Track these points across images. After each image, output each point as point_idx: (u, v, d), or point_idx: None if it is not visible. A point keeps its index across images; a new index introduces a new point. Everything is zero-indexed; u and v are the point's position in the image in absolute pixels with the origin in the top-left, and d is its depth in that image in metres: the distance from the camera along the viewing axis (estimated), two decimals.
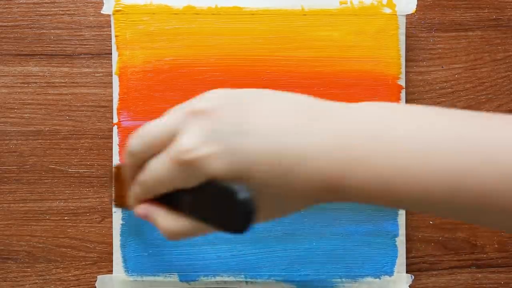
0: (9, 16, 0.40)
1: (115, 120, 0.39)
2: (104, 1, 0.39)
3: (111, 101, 0.39)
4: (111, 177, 0.33)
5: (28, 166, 0.40)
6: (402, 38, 0.39)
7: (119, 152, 0.39)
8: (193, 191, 0.23)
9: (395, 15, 0.39)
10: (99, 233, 0.40)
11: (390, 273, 0.39)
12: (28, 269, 0.40)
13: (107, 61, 0.40)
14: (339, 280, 0.39)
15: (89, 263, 0.40)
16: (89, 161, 0.40)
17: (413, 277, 0.39)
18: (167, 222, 0.25)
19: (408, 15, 0.39)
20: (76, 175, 0.40)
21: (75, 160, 0.40)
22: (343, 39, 0.39)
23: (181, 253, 0.39)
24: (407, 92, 0.40)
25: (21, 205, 0.40)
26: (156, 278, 0.39)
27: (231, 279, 0.39)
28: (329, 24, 0.39)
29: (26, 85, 0.40)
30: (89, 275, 0.40)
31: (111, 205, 0.38)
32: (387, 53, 0.39)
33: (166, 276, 0.39)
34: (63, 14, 0.40)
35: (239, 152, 0.21)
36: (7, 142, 0.40)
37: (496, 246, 0.40)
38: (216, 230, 0.24)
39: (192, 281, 0.39)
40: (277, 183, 0.22)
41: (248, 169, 0.22)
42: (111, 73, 0.39)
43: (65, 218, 0.40)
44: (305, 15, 0.39)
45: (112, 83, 0.39)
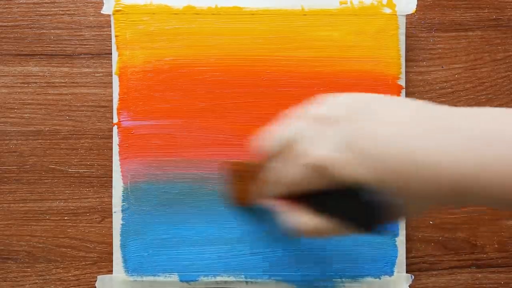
0: (9, 16, 0.40)
1: (115, 120, 0.39)
2: (104, 1, 0.39)
3: (111, 101, 0.39)
4: (231, 174, 0.34)
5: (28, 166, 0.40)
6: (402, 38, 0.39)
7: (119, 152, 0.39)
8: (327, 193, 0.24)
9: (395, 15, 0.39)
10: (99, 233, 0.40)
11: (390, 273, 0.39)
12: (28, 269, 0.40)
13: (107, 61, 0.40)
14: (339, 280, 0.39)
15: (89, 263, 0.40)
16: (89, 161, 0.40)
17: (413, 277, 0.39)
18: (302, 219, 0.26)
19: (408, 15, 0.39)
20: (76, 175, 0.40)
21: (75, 160, 0.40)
22: (343, 39, 0.39)
23: (181, 253, 0.39)
24: (407, 92, 0.40)
25: (21, 205, 0.40)
26: (156, 278, 0.39)
27: (231, 279, 0.39)
28: (329, 24, 0.39)
29: (26, 85, 0.40)
30: (89, 275, 0.40)
31: (234, 203, 0.38)
32: (387, 53, 0.39)
33: (166, 276, 0.39)
34: (63, 14, 0.40)
35: (372, 158, 0.22)
36: (7, 142, 0.40)
37: (496, 246, 0.40)
38: (350, 231, 0.26)
39: (192, 281, 0.39)
40: (408, 187, 0.22)
41: (381, 174, 0.22)
42: (111, 73, 0.39)
43: (65, 218, 0.40)
44: (305, 15, 0.39)
45: (112, 83, 0.39)
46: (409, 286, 0.39)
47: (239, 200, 0.36)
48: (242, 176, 0.34)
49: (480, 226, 0.40)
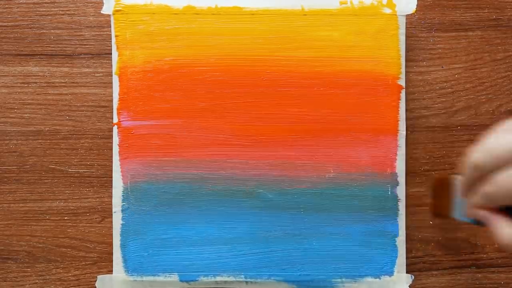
0: (9, 16, 0.40)
1: (115, 120, 0.39)
2: (104, 1, 0.39)
3: (111, 101, 0.39)
4: (434, 188, 0.33)
5: (28, 166, 0.40)
6: (402, 38, 0.39)
7: (119, 152, 0.39)
8: None
9: (395, 15, 0.39)
10: (99, 233, 0.40)
11: (390, 273, 0.39)
12: (28, 269, 0.40)
13: (107, 61, 0.40)
14: (339, 280, 0.39)
15: (89, 263, 0.40)
16: (89, 161, 0.40)
17: (413, 277, 0.39)
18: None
19: (408, 15, 0.39)
20: (76, 175, 0.40)
21: (75, 160, 0.40)
22: (343, 39, 0.39)
23: (181, 253, 0.39)
24: (407, 92, 0.40)
25: (21, 205, 0.40)
26: (156, 278, 0.39)
27: (231, 279, 0.39)
28: (329, 24, 0.39)
29: (26, 85, 0.40)
30: (89, 275, 0.40)
31: (434, 216, 0.36)
32: (387, 53, 0.39)
33: (166, 276, 0.39)
34: (63, 14, 0.40)
35: None
36: (7, 142, 0.40)
37: (496, 246, 0.40)
38: None
39: (192, 281, 0.39)
40: None
41: None
42: (111, 73, 0.39)
43: (65, 218, 0.40)
44: (305, 15, 0.39)
45: (112, 83, 0.39)
46: (409, 286, 0.39)
47: (440, 215, 0.36)
48: (445, 189, 0.33)
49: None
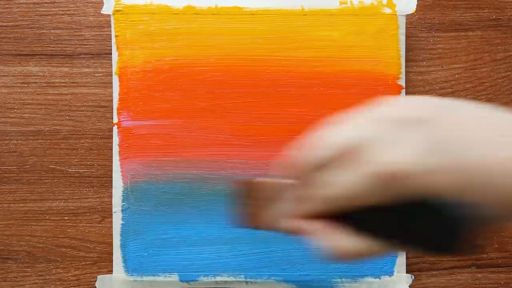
0: (9, 16, 0.40)
1: (115, 120, 0.39)
2: (104, 1, 0.39)
3: (111, 101, 0.39)
4: (244, 194, 0.30)
5: (28, 166, 0.40)
6: (402, 38, 0.39)
7: (119, 152, 0.39)
8: (380, 208, 0.21)
9: (395, 15, 0.39)
10: (99, 233, 0.40)
11: (390, 273, 0.39)
12: (28, 269, 0.40)
13: (107, 61, 0.40)
14: (339, 280, 0.39)
15: (89, 263, 0.40)
16: (89, 161, 0.40)
17: (413, 277, 0.39)
18: (343, 241, 0.22)
19: (408, 15, 0.39)
20: (76, 175, 0.40)
21: (75, 160, 0.40)
22: (343, 39, 0.39)
23: (181, 253, 0.39)
24: (407, 92, 0.40)
25: (21, 205, 0.40)
26: (156, 278, 0.39)
27: (231, 279, 0.39)
28: (329, 24, 0.39)
29: (26, 85, 0.40)
30: (89, 275, 0.40)
31: (242, 224, 0.31)
32: (387, 53, 0.39)
33: (166, 276, 0.39)
34: (63, 14, 0.40)
35: (462, 167, 0.19)
36: (7, 142, 0.40)
37: (496, 246, 0.40)
38: (406, 250, 0.22)
39: (192, 281, 0.39)
40: (496, 198, 0.20)
41: (470, 185, 0.19)
42: (111, 73, 0.39)
43: (65, 218, 0.40)
44: (305, 15, 0.39)
45: (112, 83, 0.39)
46: (409, 286, 0.39)
47: (254, 224, 0.32)
48: (254, 195, 0.30)
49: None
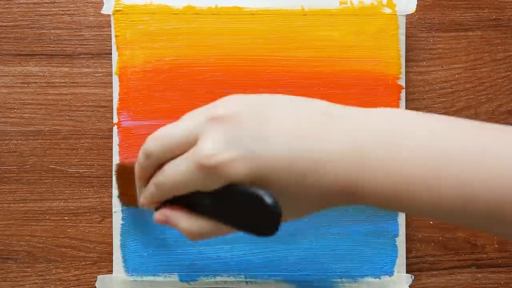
0: (9, 16, 0.40)
1: (115, 120, 0.39)
2: (104, 1, 0.39)
3: (111, 101, 0.39)
4: (117, 175, 0.33)
5: (28, 166, 0.40)
6: (402, 38, 0.39)
7: (119, 152, 0.39)
8: (214, 194, 0.24)
9: (395, 15, 0.39)
10: (99, 233, 0.40)
11: (390, 273, 0.39)
12: (28, 269, 0.40)
13: (107, 61, 0.40)
14: (339, 280, 0.39)
15: (89, 263, 0.40)
16: (89, 161, 0.40)
17: (413, 277, 0.39)
18: (188, 224, 0.26)
19: (408, 15, 0.39)
20: (76, 175, 0.40)
21: (75, 160, 0.40)
22: (343, 39, 0.39)
23: (181, 253, 0.39)
24: (407, 92, 0.40)
25: (21, 205, 0.40)
26: (156, 278, 0.39)
27: (231, 279, 0.39)
28: (329, 24, 0.39)
29: (26, 85, 0.40)
30: (89, 275, 0.40)
31: (120, 203, 0.38)
32: (387, 53, 0.39)
33: (166, 276, 0.39)
34: (63, 14, 0.40)
35: (257, 157, 0.22)
36: (7, 142, 0.40)
37: (496, 246, 0.40)
38: (239, 231, 0.25)
39: (192, 281, 0.39)
40: (294, 187, 0.23)
41: (267, 174, 0.22)
42: (111, 73, 0.39)
43: (65, 218, 0.40)
44: (305, 15, 0.39)
45: (112, 83, 0.39)
46: (409, 286, 0.39)
47: (127, 203, 0.36)
48: (127, 177, 0.32)
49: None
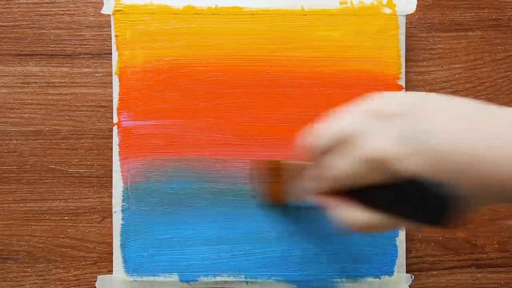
0: (9, 16, 0.40)
1: (115, 120, 0.39)
2: (104, 1, 0.39)
3: (111, 101, 0.39)
4: (268, 173, 0.34)
5: (28, 166, 0.40)
6: (402, 38, 0.39)
7: (119, 152, 0.39)
8: (382, 187, 0.24)
9: (395, 15, 0.39)
10: (99, 233, 0.40)
11: (390, 273, 0.39)
12: (28, 269, 0.40)
13: (107, 61, 0.40)
14: (339, 280, 0.39)
15: (89, 263, 0.40)
16: (89, 161, 0.40)
17: (413, 277, 0.39)
18: (355, 215, 0.26)
19: (408, 15, 0.39)
20: (76, 175, 0.40)
21: (75, 160, 0.40)
22: (343, 39, 0.39)
23: (181, 253, 0.39)
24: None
25: (21, 205, 0.40)
26: (156, 278, 0.39)
27: (231, 279, 0.39)
28: (329, 24, 0.39)
29: (26, 85, 0.40)
30: (89, 275, 0.40)
31: (266, 201, 0.38)
32: (387, 53, 0.39)
33: (166, 276, 0.39)
34: (63, 14, 0.40)
35: (429, 152, 0.23)
36: (7, 142, 0.40)
37: (496, 246, 0.40)
38: (407, 225, 0.26)
39: (192, 281, 0.39)
40: (469, 179, 0.23)
41: (440, 168, 0.23)
42: (111, 73, 0.39)
43: (65, 218, 0.40)
44: (305, 15, 0.39)
45: (112, 83, 0.39)
46: (409, 286, 0.39)
47: (273, 199, 0.37)
48: (278, 174, 0.34)
49: (480, 226, 0.40)
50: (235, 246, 0.39)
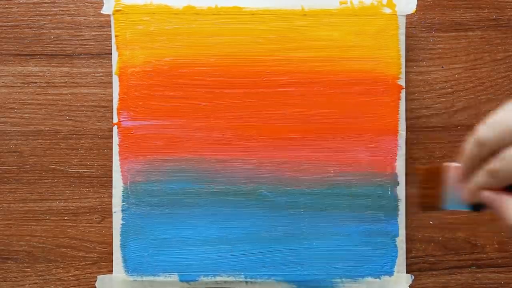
0: (9, 16, 0.40)
1: (115, 120, 0.39)
2: (104, 1, 0.39)
3: (111, 101, 0.39)
4: (423, 179, 0.33)
5: (28, 166, 0.40)
6: (402, 38, 0.39)
7: (119, 152, 0.39)
8: None
9: (395, 15, 0.39)
10: (99, 233, 0.40)
11: (390, 273, 0.39)
12: (28, 269, 0.40)
13: (107, 61, 0.40)
14: (339, 280, 0.39)
15: (89, 263, 0.40)
16: (89, 161, 0.40)
17: (413, 277, 0.39)
18: None
19: (408, 15, 0.39)
20: (76, 175, 0.40)
21: (75, 160, 0.40)
22: (343, 39, 0.39)
23: (181, 253, 0.39)
24: (407, 92, 0.40)
25: (21, 205, 0.40)
26: (156, 278, 0.39)
27: (231, 279, 0.39)
28: (329, 24, 0.39)
29: (26, 85, 0.40)
30: (89, 275, 0.40)
31: (423, 209, 0.34)
32: (387, 53, 0.39)
33: (166, 276, 0.39)
34: (63, 14, 0.40)
35: None
36: (7, 142, 0.40)
37: (496, 246, 0.40)
38: None
39: (192, 281, 0.39)
40: None
41: None
42: (111, 73, 0.39)
43: (65, 218, 0.40)
44: (305, 15, 0.39)
45: (112, 83, 0.39)
46: (409, 286, 0.39)
47: (428, 204, 0.35)
48: (436, 179, 0.33)
49: (480, 226, 0.40)
50: (235, 246, 0.39)
